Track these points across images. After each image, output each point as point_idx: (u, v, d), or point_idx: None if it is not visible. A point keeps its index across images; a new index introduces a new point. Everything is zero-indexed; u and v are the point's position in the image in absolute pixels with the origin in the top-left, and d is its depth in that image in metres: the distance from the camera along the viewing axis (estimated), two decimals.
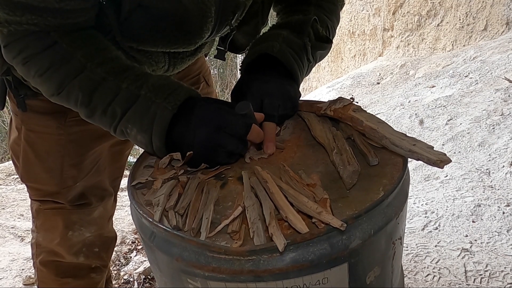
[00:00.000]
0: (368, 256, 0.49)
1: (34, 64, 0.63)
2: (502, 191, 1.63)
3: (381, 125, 0.62)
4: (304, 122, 0.71)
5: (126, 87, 0.62)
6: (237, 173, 0.60)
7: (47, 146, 0.87)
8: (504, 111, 2.18)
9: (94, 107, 0.63)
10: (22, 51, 0.62)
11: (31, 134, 0.87)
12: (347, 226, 0.45)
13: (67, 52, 0.62)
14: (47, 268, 1.00)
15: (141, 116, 0.61)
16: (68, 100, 0.64)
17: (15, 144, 0.91)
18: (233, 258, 0.46)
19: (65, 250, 0.97)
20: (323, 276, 0.46)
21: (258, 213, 0.50)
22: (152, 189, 0.60)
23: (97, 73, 0.62)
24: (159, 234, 0.52)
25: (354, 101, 0.68)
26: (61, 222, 0.94)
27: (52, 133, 0.86)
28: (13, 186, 2.60)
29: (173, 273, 0.52)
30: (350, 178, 0.54)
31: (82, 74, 0.62)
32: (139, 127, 0.62)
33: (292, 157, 0.63)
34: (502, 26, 3.51)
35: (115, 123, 0.63)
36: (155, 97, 0.62)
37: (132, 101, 0.62)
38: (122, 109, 0.62)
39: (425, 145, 0.56)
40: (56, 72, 0.62)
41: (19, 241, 1.90)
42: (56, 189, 0.91)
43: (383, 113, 2.82)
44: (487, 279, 1.21)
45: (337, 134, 0.64)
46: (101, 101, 0.62)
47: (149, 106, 0.61)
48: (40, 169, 0.89)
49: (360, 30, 4.90)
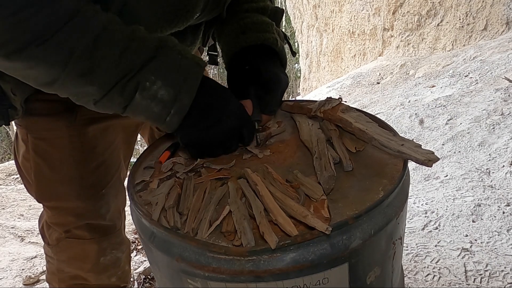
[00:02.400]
0: (369, 256, 0.49)
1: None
2: (502, 191, 1.63)
3: (370, 125, 0.63)
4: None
5: (149, 38, 0.55)
6: (237, 173, 0.60)
7: (59, 153, 0.76)
8: (504, 110, 2.18)
9: (104, 55, 0.52)
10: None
11: (39, 143, 0.76)
12: (347, 226, 0.46)
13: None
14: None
15: (168, 68, 0.55)
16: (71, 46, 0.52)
17: (24, 159, 0.79)
18: (233, 259, 0.45)
19: (95, 275, 0.88)
20: (324, 276, 0.46)
21: (243, 213, 0.50)
22: (150, 188, 0.60)
23: (118, 29, 0.54)
24: (159, 234, 0.52)
25: (342, 101, 0.68)
26: (92, 251, 0.84)
27: (63, 136, 0.75)
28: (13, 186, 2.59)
29: (173, 273, 0.52)
30: (326, 184, 0.54)
31: (102, 32, 0.52)
32: (164, 80, 0.55)
33: (291, 157, 0.63)
34: (502, 25, 3.51)
35: (131, 74, 0.54)
36: (185, 52, 0.57)
37: (157, 52, 0.55)
38: (143, 58, 0.54)
39: (413, 144, 0.56)
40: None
41: (19, 241, 1.90)
42: (78, 203, 0.78)
43: (383, 113, 2.82)
44: (487, 278, 1.21)
45: (320, 137, 0.64)
46: (115, 46, 0.52)
47: (179, 60, 0.56)
48: (57, 182, 0.77)
49: (360, 30, 4.90)
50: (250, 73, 0.70)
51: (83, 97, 0.56)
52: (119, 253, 0.89)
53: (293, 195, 0.52)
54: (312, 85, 6.10)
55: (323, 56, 5.73)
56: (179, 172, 0.62)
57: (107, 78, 0.53)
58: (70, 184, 0.77)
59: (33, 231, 2.02)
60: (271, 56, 0.73)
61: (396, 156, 0.57)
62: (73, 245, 0.83)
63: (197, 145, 0.63)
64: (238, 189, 0.56)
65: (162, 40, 0.57)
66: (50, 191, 0.78)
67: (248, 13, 0.76)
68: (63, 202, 0.79)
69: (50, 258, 0.89)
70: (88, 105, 0.58)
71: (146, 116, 0.58)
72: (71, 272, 0.87)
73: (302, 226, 0.47)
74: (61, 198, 0.78)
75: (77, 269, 0.86)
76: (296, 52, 0.93)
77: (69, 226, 0.82)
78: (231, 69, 0.74)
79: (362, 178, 0.55)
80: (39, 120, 0.74)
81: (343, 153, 0.60)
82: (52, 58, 0.51)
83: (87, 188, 0.78)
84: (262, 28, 0.73)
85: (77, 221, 0.81)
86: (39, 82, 0.54)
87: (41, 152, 0.76)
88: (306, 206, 0.50)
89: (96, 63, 0.52)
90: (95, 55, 0.52)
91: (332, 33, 5.40)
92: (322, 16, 5.53)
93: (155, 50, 0.55)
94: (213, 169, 0.62)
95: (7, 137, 9.72)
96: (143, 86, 0.55)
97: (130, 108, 0.57)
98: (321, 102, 0.70)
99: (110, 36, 0.53)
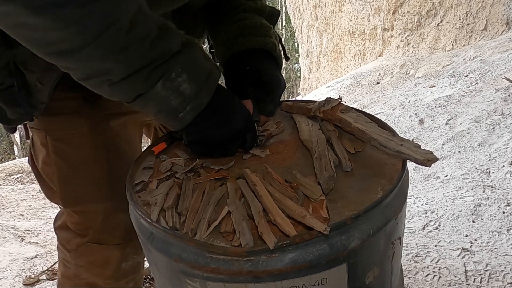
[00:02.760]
0: (367, 257, 0.49)
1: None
2: (502, 191, 1.62)
3: (369, 125, 0.63)
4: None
5: (178, 31, 0.56)
6: (236, 173, 0.60)
7: (81, 152, 0.73)
8: (504, 110, 2.17)
9: (139, 37, 0.51)
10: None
11: (60, 144, 0.73)
12: (346, 227, 0.45)
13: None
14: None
15: (194, 64, 0.56)
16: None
17: (45, 165, 0.76)
18: (232, 259, 0.46)
19: (114, 281, 0.84)
20: (322, 276, 0.46)
21: (242, 214, 0.50)
22: (149, 189, 0.60)
23: (151, 15, 0.53)
24: (158, 234, 0.52)
25: (342, 101, 0.69)
26: (115, 257, 0.80)
27: (84, 135, 0.72)
28: (13, 186, 2.60)
29: (172, 274, 0.52)
30: (326, 184, 0.54)
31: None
32: (190, 74, 0.55)
33: (291, 157, 0.63)
34: (502, 25, 3.51)
35: (159, 62, 0.53)
36: (205, 54, 0.59)
37: (184, 47, 0.55)
38: (173, 49, 0.54)
39: (412, 144, 0.56)
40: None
41: (19, 241, 1.90)
42: (106, 204, 0.75)
43: (383, 113, 2.82)
44: (487, 278, 1.21)
45: (320, 137, 0.64)
46: (149, 31, 0.52)
47: (203, 59, 0.57)
48: (81, 183, 0.74)
49: (360, 30, 4.90)
50: (250, 74, 0.70)
51: (100, 75, 0.53)
52: (140, 257, 0.85)
53: (292, 195, 0.52)
54: (312, 85, 6.10)
55: (323, 56, 5.73)
56: (178, 172, 0.62)
57: (135, 60, 0.52)
58: (95, 184, 0.74)
59: (33, 231, 2.02)
60: (270, 59, 0.74)
61: (395, 156, 0.57)
62: (94, 251, 0.80)
63: (203, 142, 0.63)
64: (237, 189, 0.56)
65: (187, 37, 0.57)
66: (76, 194, 0.75)
67: (246, 13, 0.76)
68: (90, 205, 0.75)
69: (67, 262, 0.85)
70: (99, 87, 0.55)
71: (159, 109, 0.57)
72: (88, 279, 0.84)
73: (300, 227, 0.47)
74: (88, 200, 0.74)
75: (96, 275, 0.82)
76: (290, 57, 0.97)
77: (94, 230, 0.78)
78: (229, 69, 0.75)
79: (361, 178, 0.55)
80: (58, 120, 0.72)
81: (342, 153, 0.60)
82: (88, 24, 0.47)
83: (113, 187, 0.75)
84: (261, 32, 0.74)
85: (104, 224, 0.77)
86: (61, 47, 0.49)
87: (62, 154, 0.73)
88: (305, 206, 0.50)
89: (128, 42, 0.50)
90: (131, 34, 0.50)
91: (332, 33, 5.40)
92: (322, 16, 5.54)
93: (182, 45, 0.55)
94: (212, 169, 0.62)
95: (7, 137, 9.73)
96: (168, 76, 0.54)
97: (145, 96, 0.55)
98: (320, 102, 0.70)
99: (145, 20, 0.52)
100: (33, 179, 2.82)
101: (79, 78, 0.54)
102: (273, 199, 0.51)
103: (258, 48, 0.73)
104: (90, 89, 0.56)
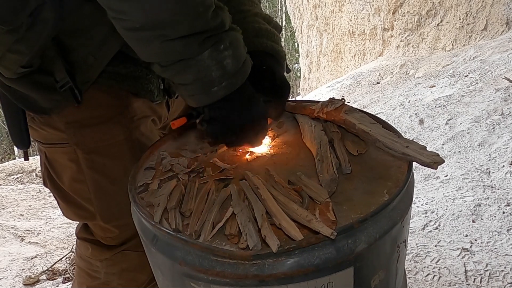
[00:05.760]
0: (373, 260, 0.49)
1: None
2: (502, 191, 1.63)
3: (374, 127, 0.62)
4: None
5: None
6: (239, 174, 0.60)
7: (119, 162, 0.69)
8: (504, 110, 2.18)
9: (206, 3, 0.52)
10: None
11: (95, 157, 0.69)
12: (353, 230, 0.45)
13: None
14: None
15: (239, 45, 0.58)
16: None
17: (76, 182, 0.71)
18: (237, 262, 0.45)
19: (147, 286, 0.81)
20: (328, 280, 0.46)
21: (248, 216, 0.50)
22: (151, 190, 0.59)
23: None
24: (162, 237, 0.51)
25: (345, 101, 0.68)
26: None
27: (120, 143, 0.69)
28: (13, 186, 2.59)
29: (176, 277, 0.51)
30: (328, 186, 0.54)
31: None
32: (235, 51, 0.57)
33: (294, 159, 0.63)
34: (502, 25, 3.52)
35: (217, 31, 0.55)
36: (244, 44, 0.60)
37: (234, 29, 0.58)
38: (227, 25, 0.56)
39: (418, 146, 0.56)
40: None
41: (19, 241, 1.90)
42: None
43: (383, 113, 2.82)
44: (487, 278, 1.21)
45: (323, 139, 0.63)
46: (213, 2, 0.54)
47: (243, 46, 0.59)
48: (123, 196, 0.67)
49: (360, 30, 4.89)
50: (266, 73, 0.70)
51: (156, 28, 0.51)
52: None
53: (296, 198, 0.52)
54: (312, 85, 6.10)
55: (323, 56, 5.72)
56: (180, 173, 0.62)
57: (199, 22, 0.52)
58: None
59: (33, 231, 2.01)
60: (281, 65, 0.75)
61: (400, 158, 0.57)
62: (130, 257, 0.77)
63: (224, 121, 0.62)
64: (241, 191, 0.55)
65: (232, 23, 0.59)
66: (116, 209, 0.71)
67: (257, 18, 0.76)
68: (130, 217, 0.68)
69: (94, 272, 0.82)
70: (147, 41, 0.54)
71: (196, 77, 0.56)
72: (120, 286, 0.81)
73: (306, 230, 0.47)
74: (127, 212, 0.66)
75: (130, 281, 0.80)
76: (291, 70, 0.99)
77: (132, 239, 0.75)
78: None
79: (366, 180, 0.55)
80: (91, 131, 0.68)
81: (342, 155, 0.59)
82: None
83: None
84: (274, 39, 0.75)
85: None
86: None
87: (99, 167, 0.69)
88: (310, 209, 0.50)
89: (197, 2, 0.51)
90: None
91: (332, 33, 5.39)
92: (322, 16, 5.53)
93: (230, 26, 0.57)
94: (216, 169, 0.62)
95: (7, 137, 9.69)
96: (217, 46, 0.55)
97: (188, 62, 0.55)
98: (324, 103, 0.69)
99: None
100: (33, 179, 2.81)
101: (130, 27, 0.52)
102: (277, 203, 0.51)
103: (270, 53, 0.73)
104: (132, 44, 0.55)
